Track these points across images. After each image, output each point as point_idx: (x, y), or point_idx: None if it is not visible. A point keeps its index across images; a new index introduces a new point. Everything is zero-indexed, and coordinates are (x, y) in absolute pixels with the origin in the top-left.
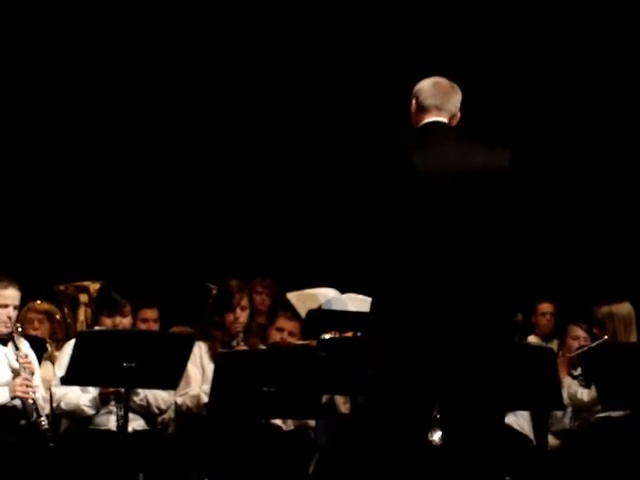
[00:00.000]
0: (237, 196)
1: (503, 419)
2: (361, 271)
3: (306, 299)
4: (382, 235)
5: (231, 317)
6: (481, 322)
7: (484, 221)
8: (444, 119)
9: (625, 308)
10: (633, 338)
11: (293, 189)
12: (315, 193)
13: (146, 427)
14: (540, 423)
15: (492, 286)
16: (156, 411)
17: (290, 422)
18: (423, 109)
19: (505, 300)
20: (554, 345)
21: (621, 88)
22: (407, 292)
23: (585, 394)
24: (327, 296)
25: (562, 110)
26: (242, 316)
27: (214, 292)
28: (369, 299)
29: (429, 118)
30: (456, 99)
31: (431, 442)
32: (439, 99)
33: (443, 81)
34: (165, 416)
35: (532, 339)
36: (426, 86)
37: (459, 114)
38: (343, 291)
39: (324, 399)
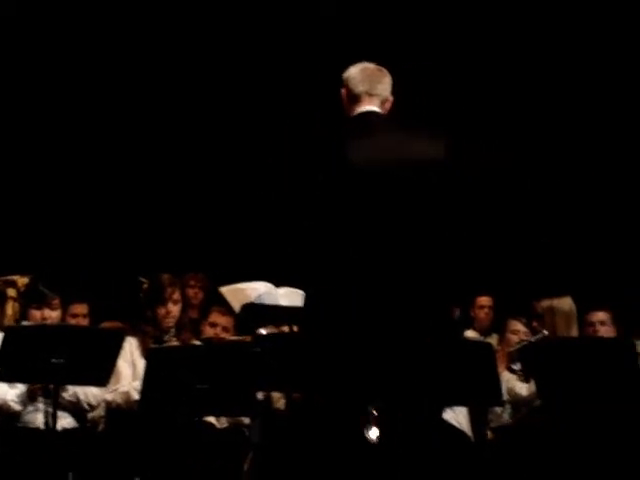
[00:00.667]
0: (169, 190)
1: (440, 415)
2: (296, 265)
3: (240, 293)
4: (316, 230)
5: (163, 311)
6: (417, 317)
7: (419, 214)
8: (376, 107)
9: (566, 303)
10: (574, 333)
11: (226, 183)
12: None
13: (75, 425)
14: (478, 419)
15: (427, 280)
16: (86, 407)
17: (224, 419)
18: (354, 97)
19: (441, 295)
20: (493, 340)
21: (594, 83)
22: (341, 288)
23: (524, 389)
24: (260, 290)
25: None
26: (174, 310)
27: (145, 286)
28: (303, 293)
29: (361, 106)
30: (386, 82)
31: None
32: (368, 84)
33: (371, 66)
34: (95, 414)
35: (470, 333)
36: (354, 73)
37: (391, 98)
38: (278, 285)
39: (259, 396)
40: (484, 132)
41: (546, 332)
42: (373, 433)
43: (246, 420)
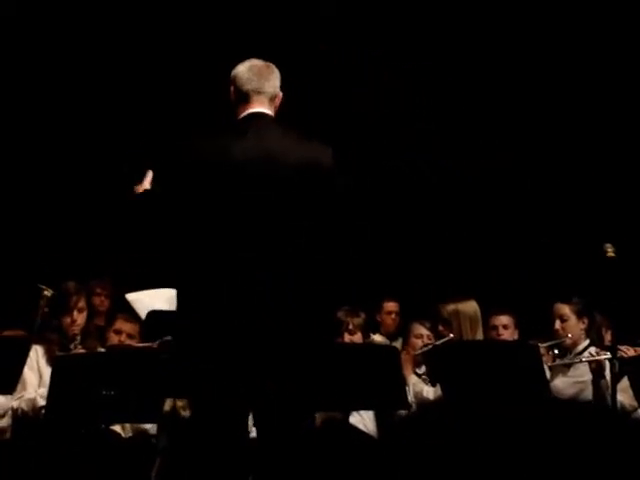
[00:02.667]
0: (71, 196)
1: (347, 419)
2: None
3: (144, 300)
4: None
5: (68, 320)
6: (293, 323)
7: (299, 217)
8: (265, 106)
9: (471, 306)
10: (479, 336)
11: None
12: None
13: None
14: (385, 422)
15: (305, 285)
16: None
17: (129, 428)
18: (242, 96)
19: (318, 299)
20: (399, 344)
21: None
22: (217, 294)
23: (431, 392)
24: (165, 296)
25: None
26: (79, 318)
27: (45, 294)
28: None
29: (250, 107)
30: (273, 79)
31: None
32: (256, 83)
33: (258, 62)
34: (2, 423)
35: (377, 338)
36: (241, 71)
37: (280, 94)
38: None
39: (167, 405)
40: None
41: (452, 335)
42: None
43: (151, 430)
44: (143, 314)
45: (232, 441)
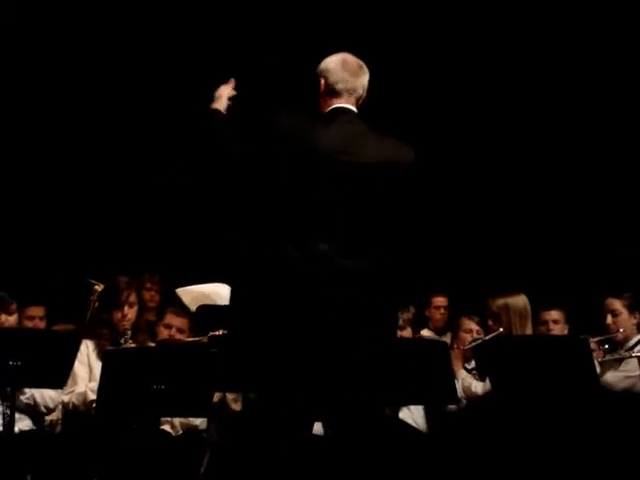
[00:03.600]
0: (121, 193)
1: (397, 414)
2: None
3: (195, 295)
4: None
5: (119, 314)
6: (362, 317)
7: (375, 212)
8: (352, 105)
9: (521, 300)
10: (529, 331)
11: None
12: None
13: (33, 427)
14: (435, 417)
15: (374, 279)
16: (44, 410)
17: (179, 427)
18: (333, 93)
19: (387, 294)
20: (448, 338)
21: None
22: (285, 282)
23: (480, 387)
24: (217, 292)
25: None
26: (130, 313)
27: (96, 288)
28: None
29: (337, 102)
30: (365, 79)
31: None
32: (350, 83)
33: (351, 60)
34: (53, 416)
35: (426, 333)
36: (335, 67)
37: (365, 95)
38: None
39: (215, 397)
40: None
41: (501, 330)
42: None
43: (201, 425)
44: (193, 308)
45: (287, 438)
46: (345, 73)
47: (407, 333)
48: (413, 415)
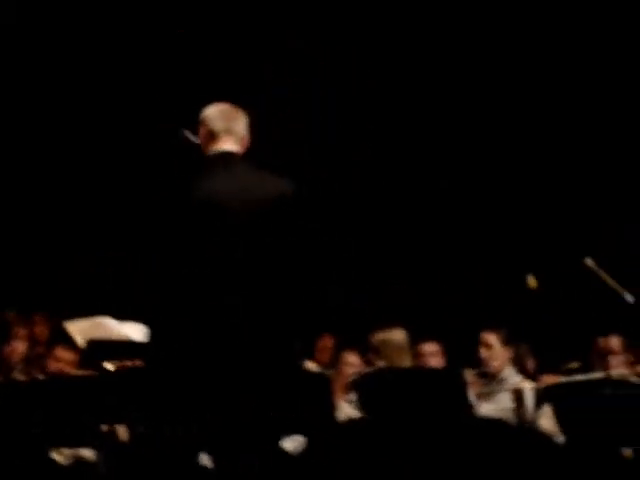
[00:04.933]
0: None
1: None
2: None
3: (83, 328)
4: (165, 264)
5: (8, 349)
6: (259, 350)
7: (267, 250)
8: (233, 145)
9: (399, 335)
10: (407, 363)
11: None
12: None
13: None
14: (315, 447)
15: (271, 314)
16: None
17: (68, 454)
18: (212, 134)
19: (284, 328)
20: (331, 372)
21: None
22: (184, 322)
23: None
24: (106, 325)
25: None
26: (20, 347)
27: None
28: (146, 328)
29: (219, 144)
30: (243, 122)
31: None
32: (227, 123)
33: (227, 106)
34: None
35: (311, 365)
36: (212, 112)
37: (247, 137)
38: (120, 320)
39: (104, 428)
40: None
41: (381, 363)
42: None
43: (88, 454)
44: (81, 342)
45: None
46: (223, 116)
47: None
48: (295, 446)
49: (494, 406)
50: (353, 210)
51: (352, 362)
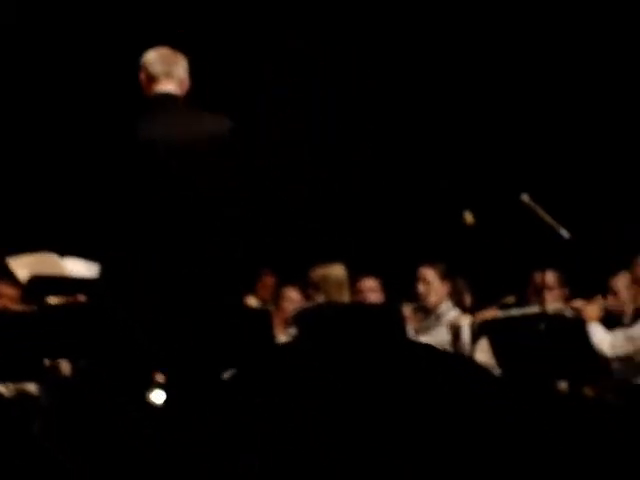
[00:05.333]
0: None
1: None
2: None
3: (26, 264)
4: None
5: None
6: (204, 287)
7: (207, 187)
8: (173, 87)
9: (339, 270)
10: (346, 299)
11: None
12: None
13: None
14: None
15: (212, 251)
16: None
17: (12, 388)
18: (152, 78)
19: (225, 265)
20: (272, 307)
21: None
22: (132, 259)
23: None
24: (49, 261)
25: None
26: None
27: None
28: (90, 263)
29: (159, 86)
30: (182, 66)
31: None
32: (167, 67)
33: (167, 50)
34: None
35: (252, 301)
36: (152, 56)
37: (187, 80)
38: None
39: (47, 362)
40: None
41: (321, 299)
42: (157, 397)
43: (33, 389)
44: (24, 277)
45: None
46: (162, 59)
47: None
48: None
49: (432, 340)
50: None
51: (292, 297)
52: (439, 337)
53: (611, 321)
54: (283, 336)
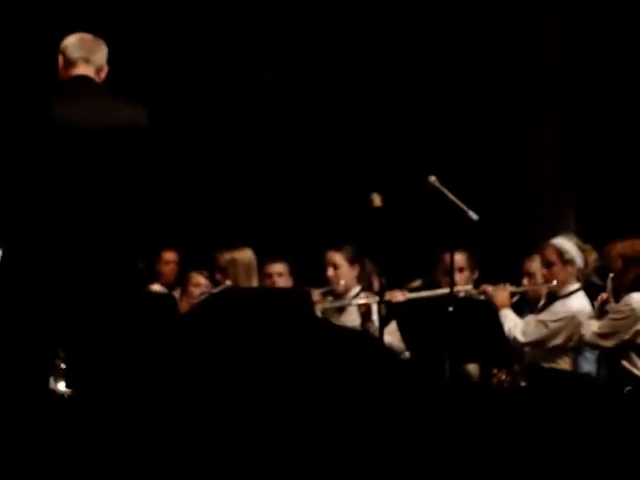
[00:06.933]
0: None
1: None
2: None
3: None
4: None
5: None
6: (104, 270)
7: (115, 173)
8: (91, 72)
9: (247, 254)
10: (254, 284)
11: None
12: None
13: None
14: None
15: (115, 235)
16: None
17: None
18: (70, 62)
19: (127, 249)
20: (177, 293)
21: None
22: (35, 243)
23: None
24: None
25: None
26: None
27: None
28: None
29: (76, 70)
30: (102, 52)
31: (54, 391)
32: (85, 52)
33: (88, 36)
34: None
35: (156, 287)
36: (72, 41)
37: (106, 67)
38: None
39: None
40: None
41: (228, 283)
42: (61, 385)
43: None
44: None
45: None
46: (82, 44)
47: None
48: None
49: (341, 323)
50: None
51: (199, 282)
52: (349, 320)
53: (525, 305)
54: None
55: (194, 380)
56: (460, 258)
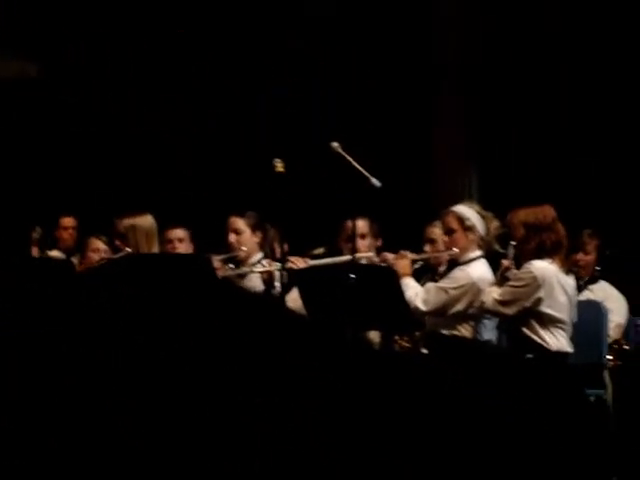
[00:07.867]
0: None
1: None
2: None
3: None
4: None
5: None
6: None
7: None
8: None
9: (147, 220)
10: (155, 250)
11: None
12: None
13: None
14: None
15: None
16: None
17: None
18: None
19: (15, 216)
20: (76, 259)
21: None
22: None
23: None
24: None
25: None
26: None
27: None
28: None
29: None
30: None
31: None
32: None
33: None
34: None
35: (55, 253)
36: None
37: None
38: None
39: None
40: None
41: (129, 249)
42: None
43: None
44: None
45: None
46: None
47: (34, 253)
48: None
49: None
50: None
51: (98, 248)
52: (250, 287)
53: (427, 271)
54: None
55: (92, 346)
56: (362, 225)
